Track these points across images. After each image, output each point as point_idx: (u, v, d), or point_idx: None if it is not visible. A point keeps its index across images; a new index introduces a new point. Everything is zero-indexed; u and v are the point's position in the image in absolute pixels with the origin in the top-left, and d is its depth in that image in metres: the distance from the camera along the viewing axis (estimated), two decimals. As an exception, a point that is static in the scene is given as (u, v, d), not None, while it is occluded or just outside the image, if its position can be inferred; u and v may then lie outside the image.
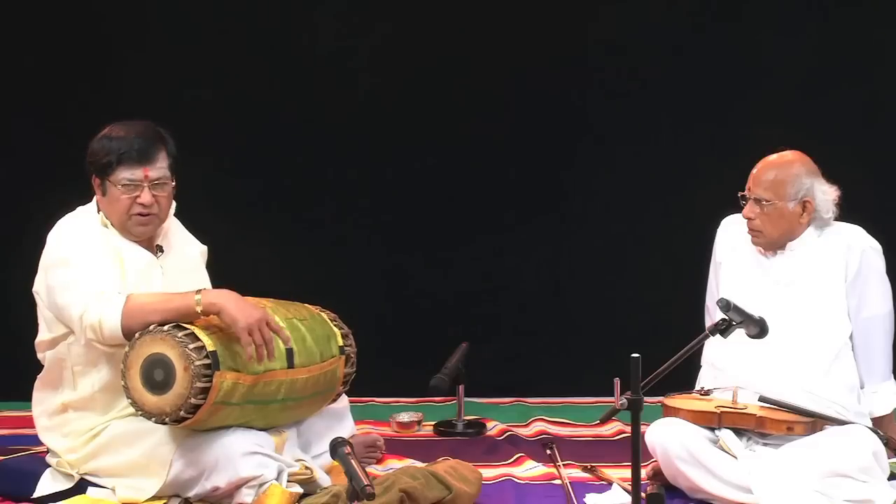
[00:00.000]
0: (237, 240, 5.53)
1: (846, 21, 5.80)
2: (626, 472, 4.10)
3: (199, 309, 4.04)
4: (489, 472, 4.66)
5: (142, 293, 4.14)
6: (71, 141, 4.38)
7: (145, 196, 4.23)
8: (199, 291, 4.07)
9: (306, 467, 4.26)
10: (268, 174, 5.96)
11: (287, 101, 5.94)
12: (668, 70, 5.86)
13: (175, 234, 4.46)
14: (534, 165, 5.97)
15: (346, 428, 4.58)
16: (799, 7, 5.83)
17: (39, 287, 4.28)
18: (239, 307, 4.05)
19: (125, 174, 4.22)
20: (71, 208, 4.36)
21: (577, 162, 5.97)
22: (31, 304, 4.35)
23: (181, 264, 4.40)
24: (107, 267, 4.18)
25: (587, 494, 4.44)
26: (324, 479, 4.30)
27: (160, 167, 4.26)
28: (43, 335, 4.32)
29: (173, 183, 4.31)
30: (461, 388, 5.33)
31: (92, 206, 4.35)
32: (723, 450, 4.32)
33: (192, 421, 4.00)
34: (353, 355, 4.49)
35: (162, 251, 4.37)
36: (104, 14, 5.87)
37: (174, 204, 4.40)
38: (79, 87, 5.84)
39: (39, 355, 4.35)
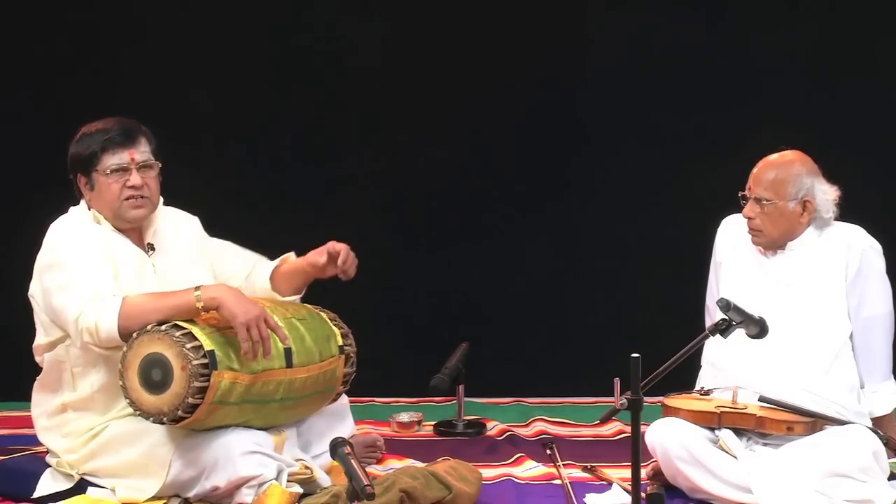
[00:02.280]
0: (237, 239, 5.52)
1: (847, 21, 5.80)
2: (626, 472, 4.10)
3: (199, 305, 4.05)
4: (489, 472, 4.66)
5: (137, 294, 4.14)
6: (65, 143, 4.38)
7: (135, 178, 4.25)
8: (198, 288, 4.07)
9: (306, 467, 4.26)
10: (267, 172, 5.96)
11: (288, 97, 5.93)
12: (669, 69, 5.86)
13: (165, 229, 4.42)
14: (534, 165, 5.97)
15: (347, 428, 4.58)
16: (800, 6, 5.83)
17: (35, 291, 4.28)
18: (238, 302, 4.05)
19: (112, 160, 4.24)
20: (65, 210, 4.36)
21: (578, 162, 5.97)
22: (30, 306, 4.35)
23: (173, 261, 4.37)
24: (101, 268, 4.17)
25: (587, 494, 4.44)
26: (324, 479, 4.30)
27: (144, 150, 4.29)
28: (40, 339, 4.32)
29: (160, 166, 4.33)
30: (461, 388, 5.33)
31: (82, 205, 4.34)
32: (723, 450, 4.32)
33: (191, 420, 4.00)
34: (352, 355, 4.48)
35: (153, 249, 4.37)
36: (101, 13, 5.87)
37: (160, 199, 4.40)
38: (74, 87, 5.82)
39: (37, 358, 4.35)
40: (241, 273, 4.53)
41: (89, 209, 4.31)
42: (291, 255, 4.56)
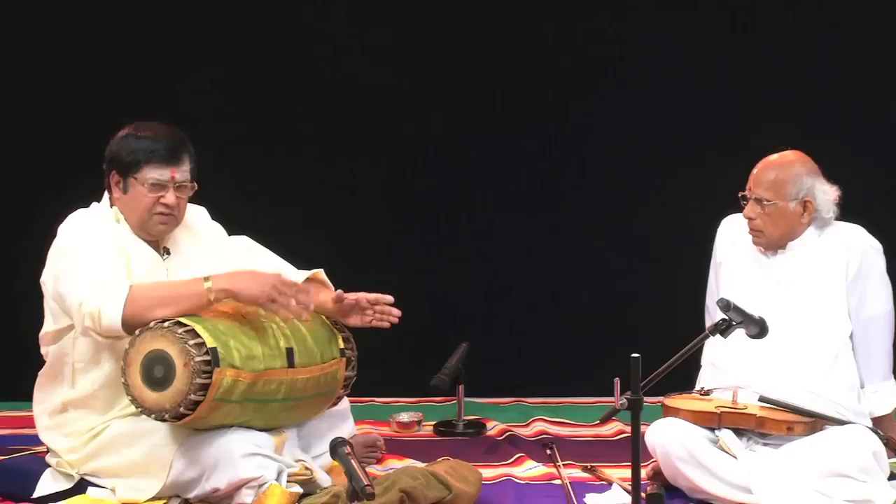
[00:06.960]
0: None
1: (846, 20, 5.80)
2: (626, 472, 4.10)
3: (211, 297, 4.06)
4: (489, 472, 4.66)
5: (145, 283, 4.14)
6: (75, 138, 4.38)
7: (170, 197, 4.25)
8: (207, 278, 4.08)
9: (306, 468, 4.26)
10: (266, 172, 5.96)
11: (290, 96, 5.94)
12: (668, 70, 5.86)
13: (183, 234, 4.42)
14: (534, 165, 5.97)
15: (347, 429, 4.58)
16: (799, 6, 5.83)
17: (46, 277, 4.27)
18: (251, 285, 4.09)
19: (153, 174, 4.23)
20: (74, 208, 4.35)
21: (577, 162, 5.97)
22: (33, 306, 4.34)
23: (188, 267, 4.36)
24: (112, 258, 4.17)
25: (587, 494, 4.44)
26: (324, 480, 4.30)
27: (185, 170, 4.28)
28: (48, 326, 4.31)
29: (195, 187, 4.33)
30: (461, 388, 5.33)
31: (104, 202, 4.34)
32: (723, 450, 4.32)
33: (192, 418, 4.00)
34: (353, 358, 4.48)
35: (168, 253, 4.37)
36: (105, 10, 5.88)
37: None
38: (91, 78, 5.84)
39: (43, 349, 4.34)
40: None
41: (111, 206, 4.31)
42: (321, 272, 4.55)
